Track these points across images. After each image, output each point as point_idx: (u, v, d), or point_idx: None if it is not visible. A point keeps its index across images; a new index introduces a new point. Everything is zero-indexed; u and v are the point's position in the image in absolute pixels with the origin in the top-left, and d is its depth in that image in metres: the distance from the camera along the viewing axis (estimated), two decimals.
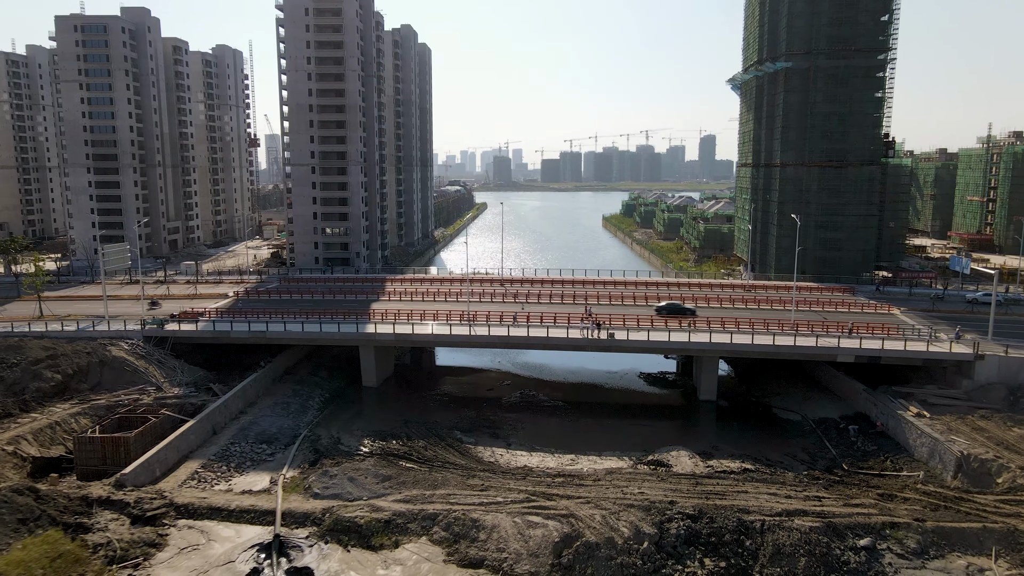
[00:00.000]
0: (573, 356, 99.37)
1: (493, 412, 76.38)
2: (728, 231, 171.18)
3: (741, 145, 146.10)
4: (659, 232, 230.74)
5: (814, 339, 74.05)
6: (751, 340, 74.01)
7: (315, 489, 51.79)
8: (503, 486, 52.97)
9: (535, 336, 77.35)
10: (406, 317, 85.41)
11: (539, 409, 77.70)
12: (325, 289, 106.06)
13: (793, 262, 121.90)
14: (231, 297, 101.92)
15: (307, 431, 69.18)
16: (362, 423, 72.58)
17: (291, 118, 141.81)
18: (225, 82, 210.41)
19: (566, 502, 49.18)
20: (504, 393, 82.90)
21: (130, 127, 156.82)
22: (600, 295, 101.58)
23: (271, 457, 62.16)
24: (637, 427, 73.37)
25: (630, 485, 52.85)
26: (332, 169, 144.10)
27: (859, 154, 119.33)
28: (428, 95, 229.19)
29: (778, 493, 50.95)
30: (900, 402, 66.78)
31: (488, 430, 71.11)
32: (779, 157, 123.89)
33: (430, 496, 50.48)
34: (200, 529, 46.99)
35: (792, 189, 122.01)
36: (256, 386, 76.30)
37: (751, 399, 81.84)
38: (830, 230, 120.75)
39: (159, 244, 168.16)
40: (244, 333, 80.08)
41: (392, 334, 78.98)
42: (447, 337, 79.21)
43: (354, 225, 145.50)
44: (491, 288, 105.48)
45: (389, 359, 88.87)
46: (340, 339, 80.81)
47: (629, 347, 76.80)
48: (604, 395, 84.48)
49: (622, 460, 62.53)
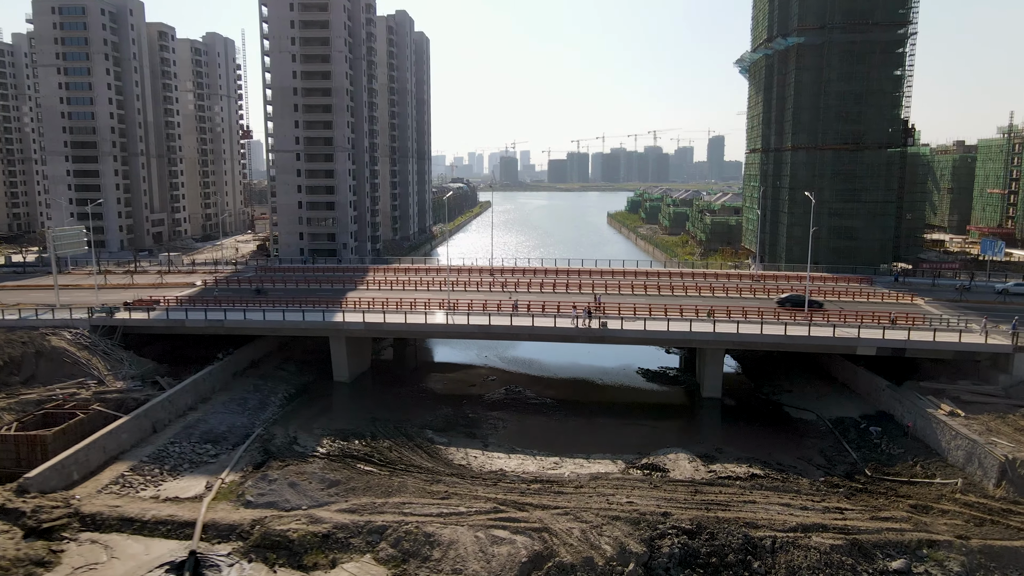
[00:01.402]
0: (567, 352, 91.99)
1: (473, 410, 68.91)
2: (736, 223, 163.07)
3: (749, 131, 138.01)
4: (665, 227, 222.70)
5: (831, 329, 66.16)
6: (760, 330, 66.19)
7: (248, 496, 44.40)
8: (469, 493, 45.45)
9: (519, 325, 69.77)
10: (381, 306, 78.07)
11: (524, 407, 70.14)
12: (301, 278, 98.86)
13: (805, 253, 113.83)
14: (198, 286, 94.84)
15: (262, 429, 61.90)
16: (325, 421, 65.23)
17: (275, 102, 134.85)
18: (216, 71, 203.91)
19: (540, 513, 41.60)
20: (487, 389, 75.39)
21: (110, 113, 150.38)
22: (596, 284, 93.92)
23: (214, 459, 54.86)
24: (633, 427, 65.75)
25: (617, 493, 45.22)
26: (318, 156, 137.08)
27: (876, 136, 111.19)
28: (426, 85, 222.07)
29: (792, 504, 43.18)
30: (930, 399, 58.85)
31: (464, 429, 63.62)
32: (790, 140, 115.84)
33: (381, 505, 43.01)
34: (104, 544, 39.65)
35: (804, 174, 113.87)
36: (211, 380, 69.06)
37: (760, 397, 74.01)
38: (845, 218, 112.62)
39: (141, 236, 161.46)
40: (200, 322, 72.91)
41: (362, 323, 71.57)
42: (421, 327, 71.73)
43: (341, 215, 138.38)
44: (479, 277, 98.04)
45: (364, 353, 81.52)
46: (306, 329, 73.54)
47: (624, 338, 69.18)
48: (598, 393, 76.86)
49: (612, 464, 54.87)
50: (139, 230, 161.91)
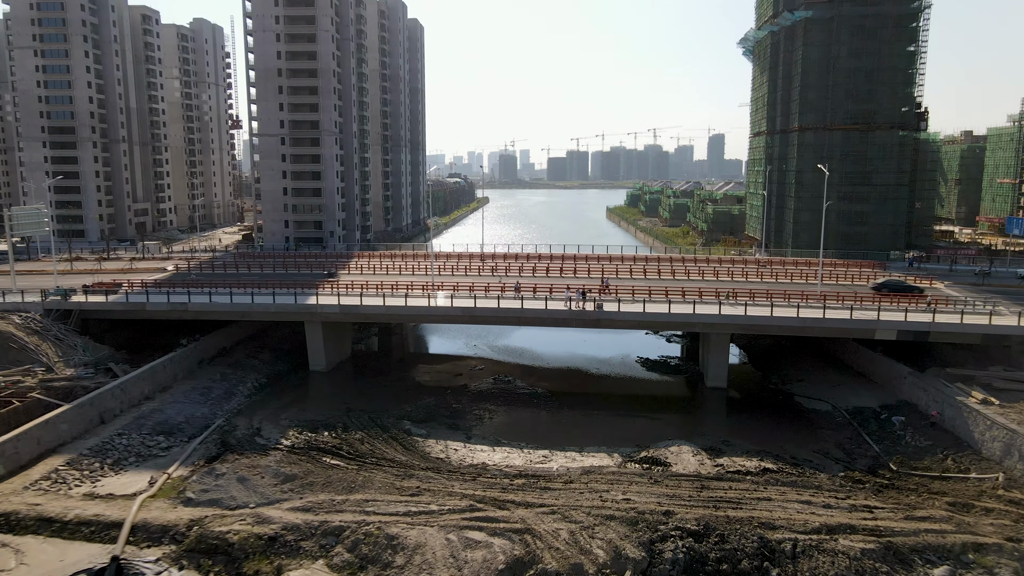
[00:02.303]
0: (562, 341, 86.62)
1: (457, 400, 63.36)
2: (738, 212, 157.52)
3: (753, 114, 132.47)
4: (665, 219, 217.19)
5: (847, 311, 60.60)
6: (770, 312, 60.64)
7: (189, 493, 38.83)
8: (444, 489, 39.90)
9: (507, 308, 64.21)
10: (360, 290, 72.50)
11: (513, 398, 64.54)
12: (280, 264, 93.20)
13: (813, 239, 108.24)
14: (169, 271, 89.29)
15: (223, 420, 56.37)
16: (295, 412, 59.67)
17: (258, 84, 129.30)
18: (203, 58, 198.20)
19: (523, 512, 36.07)
20: (474, 379, 69.83)
21: (89, 98, 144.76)
22: (592, 270, 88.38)
23: (165, 452, 49.32)
24: (631, 419, 60.24)
25: (612, 489, 39.69)
26: (304, 140, 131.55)
27: (888, 115, 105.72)
28: (420, 74, 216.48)
29: (813, 501, 37.63)
30: (958, 387, 53.33)
31: (446, 420, 58.08)
32: (797, 121, 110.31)
33: (341, 503, 37.47)
34: (16, 548, 34.14)
35: (812, 156, 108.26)
36: (173, 368, 63.51)
37: (768, 386, 68.50)
38: (855, 202, 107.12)
39: (123, 226, 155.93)
40: (162, 306, 67.39)
41: (336, 305, 66.04)
42: (400, 310, 66.13)
43: (328, 202, 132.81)
44: (468, 262, 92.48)
45: (344, 340, 76.01)
46: (277, 313, 68.01)
47: (621, 321, 63.65)
48: (594, 383, 71.28)
49: (607, 457, 49.31)
50: (120, 219, 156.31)
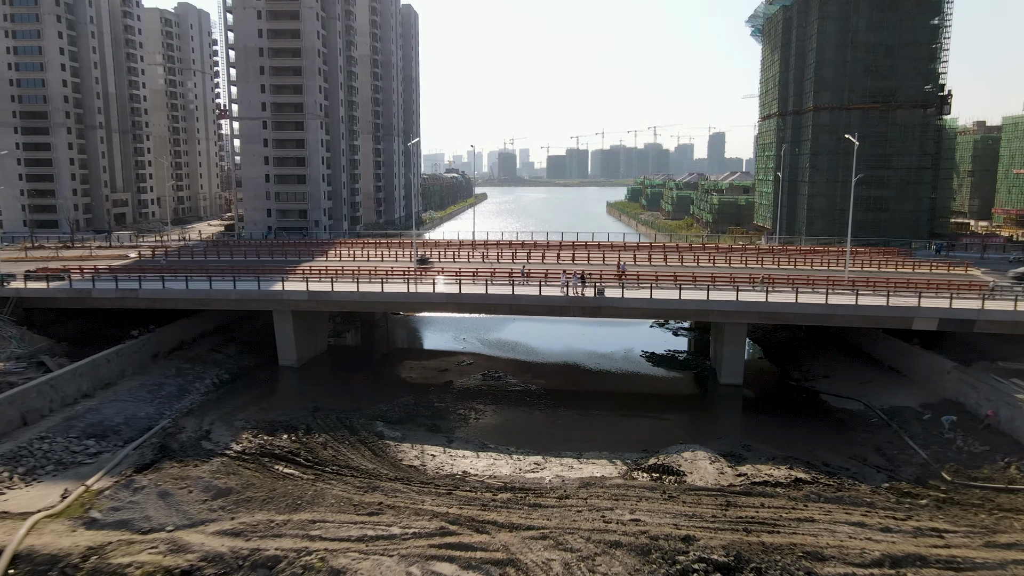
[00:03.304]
0: (559, 334, 79.76)
1: (440, 398, 56.24)
2: (745, 203, 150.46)
3: (763, 96, 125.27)
4: (667, 212, 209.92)
5: (883, 298, 53.39)
6: (795, 299, 53.47)
7: (95, 513, 31.65)
8: (411, 506, 32.73)
9: (497, 293, 57.01)
10: (334, 275, 65.30)
11: (503, 396, 57.42)
12: (254, 252, 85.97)
13: (828, 226, 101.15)
14: (131, 258, 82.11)
15: (169, 421, 49.23)
16: (254, 411, 52.51)
17: (238, 63, 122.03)
18: (188, 44, 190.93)
19: (506, 537, 28.91)
20: (460, 375, 62.73)
21: (63, 81, 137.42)
22: (592, 258, 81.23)
23: (92, 459, 42.16)
24: (636, 420, 53.17)
25: (617, 506, 32.51)
26: (288, 124, 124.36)
27: (910, 93, 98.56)
28: (414, 62, 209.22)
29: (867, 522, 30.45)
30: (1014, 383, 46.21)
31: (426, 421, 50.92)
32: (812, 100, 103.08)
33: (282, 524, 30.31)
34: None
35: (827, 138, 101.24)
36: (120, 362, 56.29)
37: (789, 384, 61.32)
38: (874, 187, 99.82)
39: (100, 217, 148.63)
40: (109, 292, 60.15)
41: (305, 292, 58.83)
42: (377, 296, 58.87)
43: (313, 189, 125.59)
44: (458, 250, 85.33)
45: (318, 333, 68.88)
46: (239, 301, 60.83)
47: (624, 309, 56.49)
48: (594, 380, 64.14)
49: (610, 465, 42.19)
50: (98, 210, 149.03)
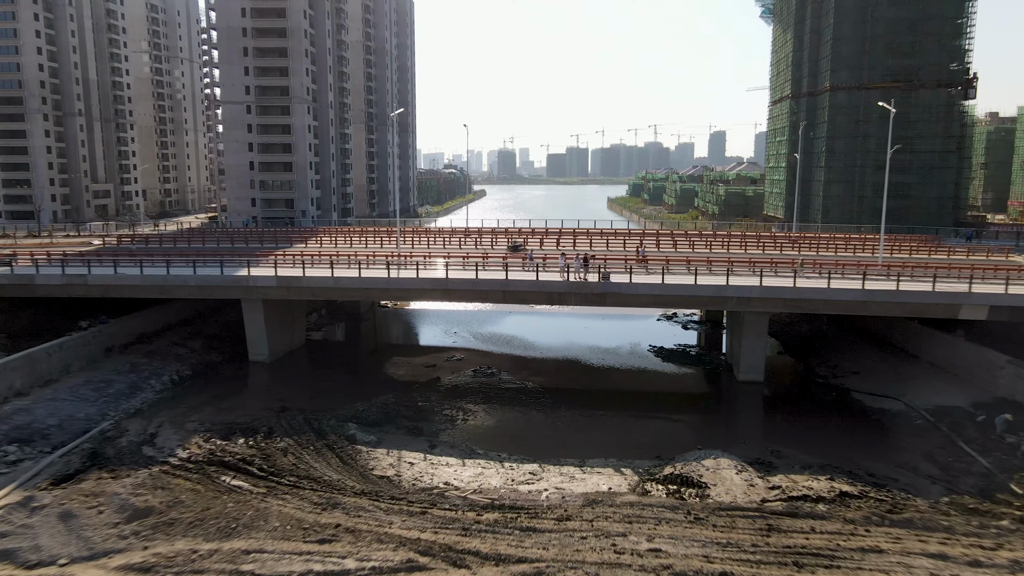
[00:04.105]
0: (558, 328, 73.60)
1: (424, 397, 49.94)
2: (753, 193, 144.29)
3: (774, 78, 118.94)
4: (670, 205, 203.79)
5: (928, 283, 47.06)
6: (827, 284, 47.15)
7: None
8: (375, 530, 26.39)
9: (488, 279, 50.70)
10: (309, 260, 59.03)
11: (496, 394, 51.12)
12: (227, 239, 79.75)
13: (845, 214, 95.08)
14: (94, 246, 75.86)
15: (111, 423, 42.95)
16: (212, 412, 46.21)
17: (220, 44, 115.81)
18: (175, 32, 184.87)
19: (490, 573, 22.58)
20: (450, 371, 56.46)
21: (39, 65, 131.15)
22: (594, 244, 74.96)
23: (10, 468, 35.81)
24: (645, 421, 46.89)
25: (631, 531, 26.13)
26: (274, 108, 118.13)
27: (934, 72, 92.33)
28: (409, 51, 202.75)
29: (948, 552, 24.01)
30: None
31: (407, 423, 44.60)
32: (828, 80, 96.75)
33: (207, 555, 23.98)
34: None
35: (845, 120, 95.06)
36: (64, 356, 50.02)
37: (815, 380, 54.97)
38: (896, 172, 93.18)
39: (80, 208, 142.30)
40: (54, 279, 53.82)
41: (274, 277, 52.54)
42: (354, 282, 52.54)
43: (300, 177, 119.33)
44: (450, 238, 79.09)
45: (295, 325, 62.57)
46: (200, 288, 54.51)
47: (632, 296, 50.18)
48: (598, 377, 57.81)
49: (618, 475, 35.85)
50: (77, 201, 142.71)
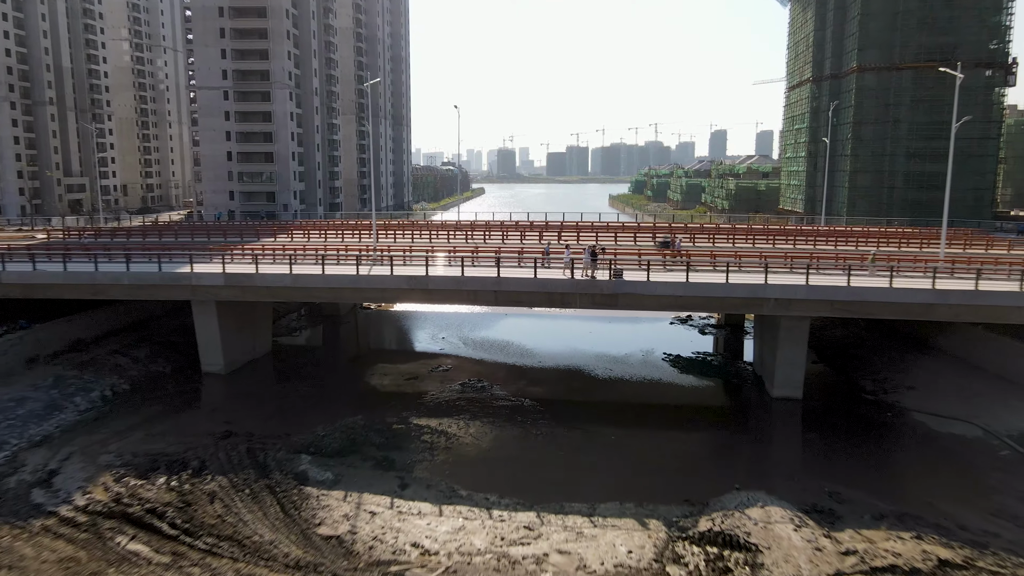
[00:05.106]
0: (561, 332, 65.69)
1: (400, 417, 41.76)
2: (765, 188, 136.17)
3: (791, 61, 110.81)
4: (675, 202, 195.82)
5: (1016, 282, 38.85)
6: (889, 283, 39.01)
7: None
8: None
9: (475, 277, 42.59)
10: (270, 255, 50.97)
11: (487, 414, 42.98)
12: (188, 232, 71.69)
13: (872, 207, 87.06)
14: (40, 239, 67.75)
15: (7, 455, 34.85)
16: (138, 438, 38.09)
17: (195, 24, 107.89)
18: (158, 20, 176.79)
19: None
20: (435, 385, 48.39)
21: (6, 50, 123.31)
22: (601, 238, 66.88)
23: None
24: (663, 447, 38.84)
25: None
26: (254, 95, 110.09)
27: (972, 51, 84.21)
28: (403, 40, 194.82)
29: None
30: None
31: (377, 452, 36.45)
32: (855, 60, 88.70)
33: None
34: None
35: (873, 104, 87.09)
36: None
37: (862, 397, 46.74)
38: (928, 160, 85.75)
39: (51, 202, 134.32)
40: None
41: (220, 275, 44.38)
42: (316, 279, 44.35)
43: (281, 168, 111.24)
44: (437, 233, 71.04)
45: (258, 330, 54.41)
46: (133, 287, 46.34)
47: (650, 298, 42.06)
48: (605, 391, 49.66)
49: (640, 531, 27.70)
50: (48, 194, 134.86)
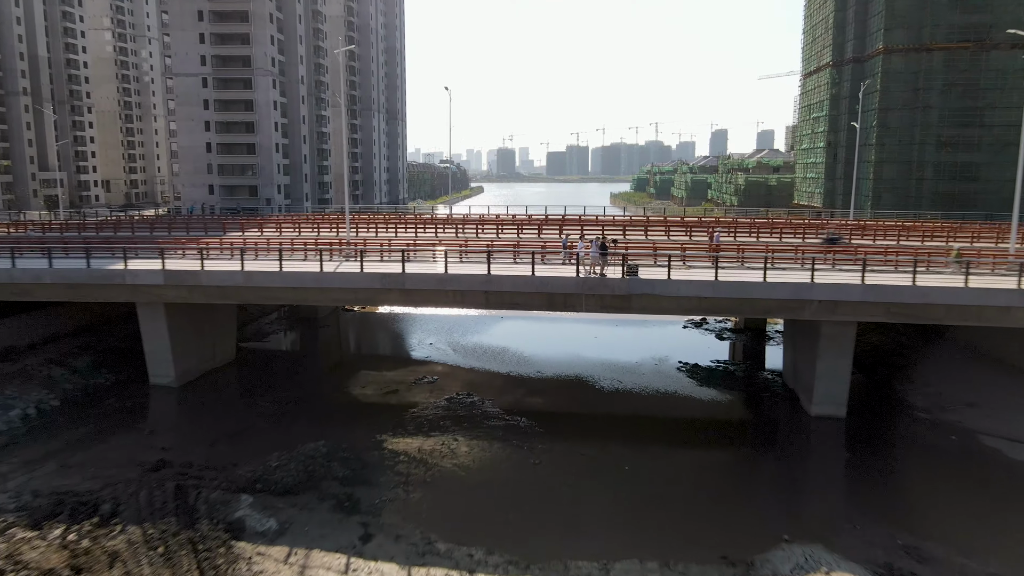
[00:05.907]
0: (562, 337, 59.10)
1: (374, 442, 35.06)
2: (776, 182, 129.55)
3: (808, 46, 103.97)
4: (680, 199, 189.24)
5: None
6: (964, 284, 32.33)
7: None
8: None
9: (463, 274, 35.92)
10: (227, 250, 44.28)
11: (476, 435, 36.30)
12: (148, 228, 65.04)
13: (900, 201, 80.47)
14: None
15: None
16: (48, 471, 31.41)
17: (171, 7, 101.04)
18: (142, 9, 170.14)
19: None
20: (418, 398, 41.76)
21: None
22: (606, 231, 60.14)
23: None
24: (685, 479, 32.13)
25: None
26: (235, 82, 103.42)
27: (1010, 28, 77.43)
28: (399, 32, 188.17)
29: None
30: None
31: (339, 489, 29.73)
32: (881, 41, 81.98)
33: None
34: None
35: (900, 89, 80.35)
36: None
37: (915, 414, 40.06)
38: (961, 150, 79.04)
39: (25, 198, 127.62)
40: None
41: (159, 271, 37.69)
42: (272, 278, 37.66)
43: (264, 161, 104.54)
44: (423, 228, 64.40)
45: (219, 336, 47.67)
46: (69, 286, 39.60)
47: (669, 299, 35.30)
48: (613, 407, 42.96)
49: None
50: (22, 190, 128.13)
